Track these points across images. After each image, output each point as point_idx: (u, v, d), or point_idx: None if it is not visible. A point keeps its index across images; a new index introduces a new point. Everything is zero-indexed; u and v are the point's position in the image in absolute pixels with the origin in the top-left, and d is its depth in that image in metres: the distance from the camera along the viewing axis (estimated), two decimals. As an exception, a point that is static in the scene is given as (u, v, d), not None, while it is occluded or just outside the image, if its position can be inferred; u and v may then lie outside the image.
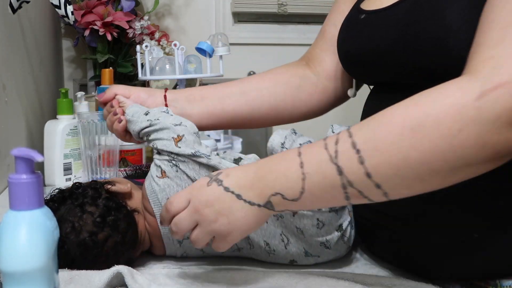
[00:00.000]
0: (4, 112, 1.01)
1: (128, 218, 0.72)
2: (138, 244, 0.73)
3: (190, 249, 0.76)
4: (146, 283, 0.65)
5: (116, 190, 0.74)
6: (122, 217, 0.71)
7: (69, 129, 1.17)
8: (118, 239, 0.69)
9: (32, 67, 1.30)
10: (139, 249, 0.74)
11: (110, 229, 0.69)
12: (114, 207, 0.71)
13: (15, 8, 0.98)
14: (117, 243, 0.69)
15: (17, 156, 0.46)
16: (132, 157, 1.29)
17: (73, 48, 1.88)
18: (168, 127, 0.75)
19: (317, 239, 0.73)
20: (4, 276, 0.46)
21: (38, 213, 0.47)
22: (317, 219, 0.72)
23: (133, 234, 0.72)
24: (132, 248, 0.72)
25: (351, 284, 0.66)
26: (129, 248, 0.71)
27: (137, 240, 0.73)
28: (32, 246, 0.46)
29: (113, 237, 0.69)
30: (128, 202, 0.75)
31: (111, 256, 0.68)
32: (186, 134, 0.75)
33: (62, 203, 0.70)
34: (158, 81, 1.70)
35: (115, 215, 0.70)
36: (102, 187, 0.73)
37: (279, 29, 2.10)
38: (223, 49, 1.49)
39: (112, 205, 0.71)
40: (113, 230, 0.69)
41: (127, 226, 0.71)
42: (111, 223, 0.69)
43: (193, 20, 1.99)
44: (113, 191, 0.74)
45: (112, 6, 1.68)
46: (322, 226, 0.72)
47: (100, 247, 0.68)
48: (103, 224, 0.68)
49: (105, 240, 0.68)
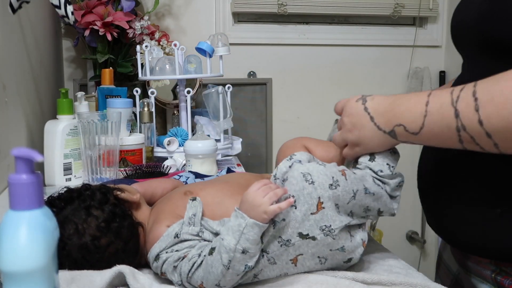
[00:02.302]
0: (4, 112, 1.01)
1: (132, 228, 0.71)
2: (138, 255, 0.73)
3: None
4: (148, 282, 0.65)
5: (125, 198, 0.73)
6: (126, 225, 0.70)
7: (69, 129, 1.17)
8: (119, 246, 0.69)
9: (32, 67, 1.30)
10: (138, 260, 0.73)
11: (113, 235, 0.68)
12: (120, 214, 0.70)
13: (15, 8, 0.98)
14: (118, 250, 0.69)
15: (17, 156, 0.46)
16: (132, 157, 1.29)
17: (73, 48, 1.88)
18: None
19: (322, 269, 0.71)
20: (4, 276, 0.46)
21: (38, 213, 0.47)
22: (318, 257, 0.69)
23: (135, 244, 0.72)
24: (132, 257, 0.72)
25: (351, 283, 0.66)
26: (130, 257, 0.71)
27: (138, 251, 0.73)
28: (32, 246, 0.46)
29: (115, 243, 0.68)
30: (135, 213, 0.74)
31: (111, 262, 0.68)
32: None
33: (69, 203, 0.70)
34: (158, 81, 1.70)
35: (120, 222, 0.70)
36: (111, 192, 0.73)
37: (279, 29, 2.10)
38: (223, 49, 1.49)
39: (118, 212, 0.70)
40: (116, 237, 0.69)
41: (130, 235, 0.71)
42: (115, 229, 0.69)
43: (193, 20, 1.99)
44: (121, 198, 0.73)
45: (112, 6, 1.68)
46: (325, 261, 0.70)
47: (101, 252, 0.68)
48: (106, 229, 0.68)
49: (107, 245, 0.68)
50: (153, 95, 1.47)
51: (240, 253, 0.62)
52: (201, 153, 1.18)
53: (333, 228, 0.68)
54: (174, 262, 0.67)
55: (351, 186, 0.70)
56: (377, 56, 2.15)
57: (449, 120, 0.62)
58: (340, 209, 0.69)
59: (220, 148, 1.40)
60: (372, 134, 0.72)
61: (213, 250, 0.64)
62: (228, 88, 1.49)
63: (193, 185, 0.80)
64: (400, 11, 2.09)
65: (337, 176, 0.70)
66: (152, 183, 0.88)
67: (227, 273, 0.63)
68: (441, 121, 0.63)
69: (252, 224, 0.63)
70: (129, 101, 1.34)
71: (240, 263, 0.63)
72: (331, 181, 0.69)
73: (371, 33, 2.15)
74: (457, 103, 0.61)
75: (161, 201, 0.79)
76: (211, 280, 0.64)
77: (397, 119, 0.68)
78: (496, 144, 0.59)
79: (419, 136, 0.66)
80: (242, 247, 0.62)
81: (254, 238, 0.63)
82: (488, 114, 0.58)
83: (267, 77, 2.07)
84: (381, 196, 0.72)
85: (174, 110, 1.75)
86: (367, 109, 0.72)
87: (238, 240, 0.62)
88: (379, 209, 0.73)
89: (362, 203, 0.71)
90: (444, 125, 0.63)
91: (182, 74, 1.48)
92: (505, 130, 0.58)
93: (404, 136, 0.68)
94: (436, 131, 0.64)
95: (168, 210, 0.74)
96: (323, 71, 2.13)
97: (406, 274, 0.72)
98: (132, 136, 1.32)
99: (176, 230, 0.69)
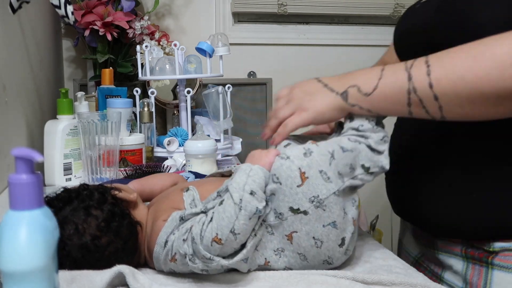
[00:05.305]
0: (4, 112, 1.01)
1: (130, 227, 0.72)
2: (137, 254, 0.73)
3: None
4: (148, 282, 0.65)
5: (122, 197, 0.74)
6: (125, 225, 0.70)
7: (69, 129, 1.17)
8: (119, 245, 0.69)
9: (32, 67, 1.30)
10: (137, 258, 0.74)
11: (113, 234, 0.69)
12: (119, 213, 0.71)
13: (15, 8, 0.98)
14: (118, 249, 0.69)
15: (17, 156, 0.46)
16: (132, 157, 1.29)
17: (73, 48, 1.88)
18: None
19: (319, 259, 0.71)
20: (4, 276, 0.46)
21: (38, 213, 0.47)
22: (313, 237, 0.69)
23: (134, 243, 0.72)
24: (131, 256, 0.72)
25: (352, 283, 0.66)
26: (129, 255, 0.71)
27: (137, 250, 0.73)
28: (32, 246, 0.46)
29: (115, 243, 0.69)
30: (132, 212, 0.74)
31: (111, 261, 0.68)
32: None
33: (68, 203, 0.70)
34: (158, 81, 1.70)
35: (119, 221, 0.70)
36: (109, 192, 0.73)
37: (279, 29, 2.10)
38: (223, 49, 1.49)
39: (117, 211, 0.70)
40: (116, 236, 0.69)
41: (129, 234, 0.71)
42: (115, 229, 0.69)
43: (193, 20, 1.99)
44: (119, 197, 0.73)
45: (112, 6, 1.68)
46: (321, 244, 0.70)
47: (101, 251, 0.68)
48: (106, 229, 0.68)
49: (107, 245, 0.68)
50: (153, 95, 1.47)
51: (249, 194, 0.66)
52: (201, 153, 1.18)
53: (321, 198, 0.68)
54: (183, 235, 0.67)
55: (325, 148, 0.70)
56: (377, 56, 2.14)
57: (401, 83, 0.68)
58: (326, 174, 0.69)
59: (220, 148, 1.40)
60: (323, 97, 0.74)
61: (223, 200, 0.67)
62: (228, 88, 1.49)
63: (191, 183, 0.80)
64: (400, 11, 2.09)
65: (308, 146, 0.71)
66: (150, 179, 0.89)
67: (239, 214, 0.65)
68: (394, 83, 0.69)
69: (256, 168, 0.69)
70: (129, 101, 1.34)
71: (250, 204, 0.65)
72: (303, 151, 0.70)
73: (371, 33, 2.14)
74: (410, 69, 0.68)
75: (158, 200, 0.79)
76: (225, 226, 0.65)
77: (351, 81, 0.73)
78: (440, 107, 0.66)
79: (370, 98, 0.71)
80: (250, 188, 0.66)
81: (259, 182, 0.67)
82: (438, 77, 0.65)
83: (267, 77, 2.06)
84: (360, 151, 0.72)
85: (174, 110, 1.75)
86: (321, 80, 0.76)
87: (246, 181, 0.67)
88: (363, 164, 0.72)
89: (345, 162, 0.71)
90: (397, 87, 0.68)
91: (182, 74, 1.48)
92: (451, 92, 0.65)
93: (355, 97, 0.72)
94: (388, 93, 0.69)
95: (165, 207, 0.74)
96: (323, 71, 2.12)
97: (406, 274, 0.72)
98: (132, 136, 1.32)
99: (180, 214, 0.70)
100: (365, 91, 0.71)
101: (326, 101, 0.74)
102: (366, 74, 0.72)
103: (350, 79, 0.73)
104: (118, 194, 0.73)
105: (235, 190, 0.66)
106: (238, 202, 0.65)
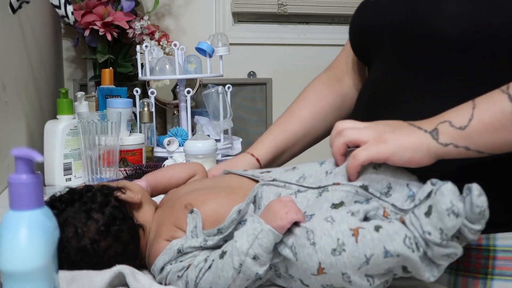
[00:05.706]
0: (4, 112, 1.01)
1: (132, 231, 0.71)
2: (137, 257, 0.72)
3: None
4: (148, 282, 0.65)
5: (125, 199, 0.72)
6: (126, 229, 0.70)
7: (69, 129, 1.17)
8: (119, 250, 0.68)
9: (32, 67, 1.30)
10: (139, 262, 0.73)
11: (112, 239, 0.68)
12: (120, 217, 0.70)
13: (15, 8, 0.98)
14: (117, 254, 0.68)
15: (17, 156, 0.46)
16: (132, 157, 1.29)
17: (73, 48, 1.88)
18: None
19: None
20: (4, 276, 0.46)
21: (38, 213, 0.47)
22: None
23: (135, 248, 0.71)
24: (132, 260, 0.71)
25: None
26: (129, 259, 0.70)
27: (138, 254, 0.72)
28: (32, 246, 0.46)
29: (114, 247, 0.68)
30: (136, 214, 0.73)
31: (111, 264, 0.67)
32: None
33: (70, 205, 0.70)
34: (158, 81, 1.70)
35: (120, 225, 0.69)
36: (112, 193, 0.72)
37: (279, 29, 2.10)
38: (223, 49, 1.49)
39: (118, 215, 0.69)
40: (116, 241, 0.68)
41: (130, 238, 0.70)
42: (114, 233, 0.68)
43: (193, 20, 1.99)
44: (122, 199, 0.72)
45: (112, 6, 1.68)
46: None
47: (100, 255, 0.67)
48: (106, 233, 0.68)
49: (106, 249, 0.67)
50: (153, 95, 1.48)
51: (251, 259, 0.60)
52: (201, 153, 1.18)
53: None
54: (178, 271, 0.66)
55: (362, 251, 0.57)
56: (377, 56, 2.15)
57: (502, 105, 0.59)
58: (349, 277, 0.59)
59: (220, 148, 1.40)
60: (408, 132, 0.62)
61: (225, 253, 0.63)
62: (228, 88, 1.49)
63: (195, 196, 0.77)
64: (400, 11, 2.10)
65: (344, 238, 0.58)
66: (166, 172, 0.86)
67: (237, 278, 0.61)
68: (492, 107, 0.60)
69: (267, 230, 0.61)
70: (129, 101, 1.34)
71: (250, 269, 0.61)
72: (334, 245, 0.58)
73: (371, 33, 2.14)
74: (508, 89, 0.60)
75: (164, 210, 0.76)
76: (221, 284, 0.62)
77: (442, 118, 0.63)
78: None
79: (467, 131, 0.60)
80: (254, 252, 0.60)
81: (267, 246, 0.61)
82: None
83: (267, 77, 2.07)
84: (408, 259, 0.58)
85: (174, 110, 1.75)
86: (405, 121, 0.66)
87: (251, 244, 0.61)
88: (406, 267, 0.59)
89: (382, 267, 0.58)
90: (498, 110, 0.59)
91: (182, 74, 1.48)
92: None
93: (447, 134, 0.61)
94: (487, 120, 0.60)
95: (168, 223, 0.72)
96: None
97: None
98: (132, 136, 1.32)
99: (179, 245, 0.67)
100: (459, 124, 0.60)
101: (412, 137, 0.62)
102: (455, 110, 0.63)
103: (439, 117, 0.63)
104: (121, 196, 0.72)
105: (237, 253, 0.61)
106: (238, 267, 0.61)
